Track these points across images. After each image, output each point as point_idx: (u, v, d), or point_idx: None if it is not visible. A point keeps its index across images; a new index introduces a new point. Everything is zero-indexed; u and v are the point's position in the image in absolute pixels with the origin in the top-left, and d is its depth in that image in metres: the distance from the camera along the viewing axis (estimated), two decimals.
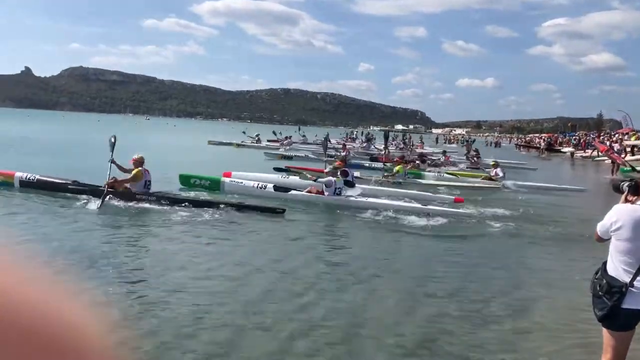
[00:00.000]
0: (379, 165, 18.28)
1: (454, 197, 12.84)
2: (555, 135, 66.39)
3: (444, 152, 24.73)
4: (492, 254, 8.03)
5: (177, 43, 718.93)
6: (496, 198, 14.13)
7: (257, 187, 12.45)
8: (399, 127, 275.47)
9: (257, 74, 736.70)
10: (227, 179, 13.12)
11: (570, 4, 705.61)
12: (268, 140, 35.39)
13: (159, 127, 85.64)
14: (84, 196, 10.09)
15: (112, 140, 10.38)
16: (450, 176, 17.51)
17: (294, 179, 13.78)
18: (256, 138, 34.76)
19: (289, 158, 22.44)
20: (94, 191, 10.23)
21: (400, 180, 15.53)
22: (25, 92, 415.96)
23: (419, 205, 11.30)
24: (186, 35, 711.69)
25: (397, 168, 16.03)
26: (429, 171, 18.19)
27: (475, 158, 23.53)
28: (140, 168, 10.23)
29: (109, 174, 10.11)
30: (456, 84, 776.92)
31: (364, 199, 11.77)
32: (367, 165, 20.40)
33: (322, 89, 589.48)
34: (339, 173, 12.17)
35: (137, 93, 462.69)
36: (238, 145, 32.75)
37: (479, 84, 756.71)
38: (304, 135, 40.56)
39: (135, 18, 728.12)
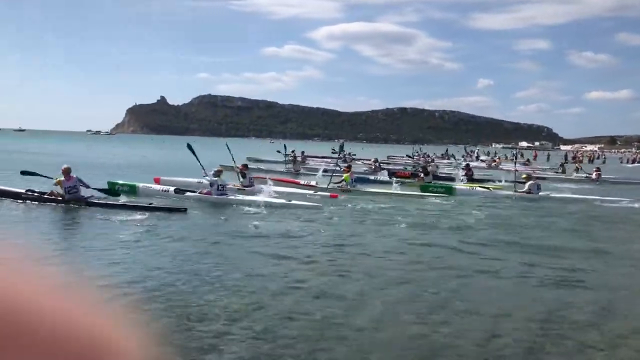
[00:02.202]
0: (387, 179, 20.70)
1: (329, 194, 15.74)
2: None
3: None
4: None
5: (295, 68, 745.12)
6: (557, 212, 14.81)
7: (162, 190, 15.21)
8: (524, 144, 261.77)
9: (373, 95, 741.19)
10: (141, 184, 15.76)
11: None
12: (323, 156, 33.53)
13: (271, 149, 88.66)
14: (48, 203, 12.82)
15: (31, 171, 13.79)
16: (483, 189, 18.36)
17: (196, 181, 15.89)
18: (292, 155, 31.42)
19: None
20: (40, 198, 13.00)
21: (350, 188, 17.34)
22: (161, 119, 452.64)
23: (283, 200, 13.97)
24: (304, 61, 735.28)
25: (344, 177, 17.86)
26: (460, 185, 19.31)
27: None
28: (60, 178, 12.74)
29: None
30: (585, 97, 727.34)
31: (241, 197, 14.47)
32: (373, 178, 21.69)
33: (440, 106, 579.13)
34: (221, 175, 14.56)
35: (259, 118, 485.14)
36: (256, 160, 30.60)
37: (611, 96, 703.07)
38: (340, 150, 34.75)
39: (256, 47, 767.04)
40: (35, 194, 13.10)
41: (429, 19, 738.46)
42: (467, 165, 25.53)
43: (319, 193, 15.95)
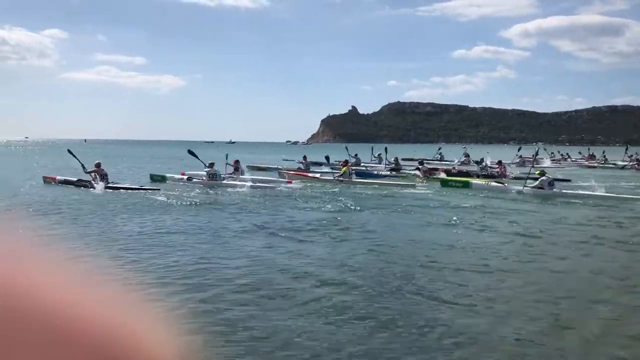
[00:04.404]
0: (387, 174, 25.67)
1: (287, 180, 21.18)
2: None
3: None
4: None
5: (486, 69, 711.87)
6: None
7: (180, 178, 21.16)
8: None
9: (576, 93, 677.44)
10: (168, 174, 22.22)
11: None
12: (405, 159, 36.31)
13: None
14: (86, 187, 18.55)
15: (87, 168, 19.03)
16: (497, 184, 19.78)
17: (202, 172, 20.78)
18: (377, 157, 34.54)
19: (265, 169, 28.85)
20: (85, 184, 18.59)
21: (343, 179, 21.19)
22: (351, 128, 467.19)
23: (250, 183, 19.10)
24: (495, 61, 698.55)
25: (343, 170, 21.98)
26: (477, 181, 21.07)
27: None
28: (96, 169, 18.73)
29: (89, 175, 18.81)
30: None
31: (225, 182, 19.76)
32: (376, 173, 26.32)
33: None
34: (215, 166, 20.17)
35: (449, 122, 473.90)
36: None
37: None
38: (355, 156, 33.33)
39: (444, 51, 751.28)
40: (85, 182, 18.63)
41: None
42: (499, 162, 27.04)
43: (281, 180, 21.49)
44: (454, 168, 27.96)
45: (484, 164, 26.96)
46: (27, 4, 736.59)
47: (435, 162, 37.17)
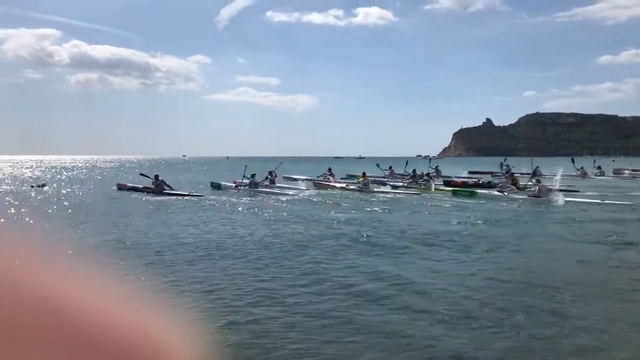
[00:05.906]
0: (399, 184, 27.64)
1: (306, 188, 25.10)
2: None
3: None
4: None
5: (637, 75, 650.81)
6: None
7: (229, 186, 25.45)
8: None
9: None
10: (222, 182, 27.16)
11: None
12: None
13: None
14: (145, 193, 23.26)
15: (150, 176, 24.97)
16: (499, 193, 21.92)
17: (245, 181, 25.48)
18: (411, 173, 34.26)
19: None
20: (147, 191, 23.12)
21: (362, 188, 24.52)
22: (485, 141, 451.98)
23: (278, 191, 23.90)
24: None
25: (360, 179, 25.66)
26: (484, 190, 23.60)
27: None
28: (155, 179, 23.46)
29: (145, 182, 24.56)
30: None
31: (267, 189, 24.15)
32: (393, 183, 28.09)
33: None
34: (256, 177, 24.90)
35: (594, 133, 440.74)
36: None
37: None
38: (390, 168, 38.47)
39: (587, 57, 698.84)
40: (150, 189, 23.12)
41: None
42: (511, 173, 29.27)
43: (305, 189, 25.24)
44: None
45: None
46: (176, 34, 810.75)
47: (499, 174, 37.87)
